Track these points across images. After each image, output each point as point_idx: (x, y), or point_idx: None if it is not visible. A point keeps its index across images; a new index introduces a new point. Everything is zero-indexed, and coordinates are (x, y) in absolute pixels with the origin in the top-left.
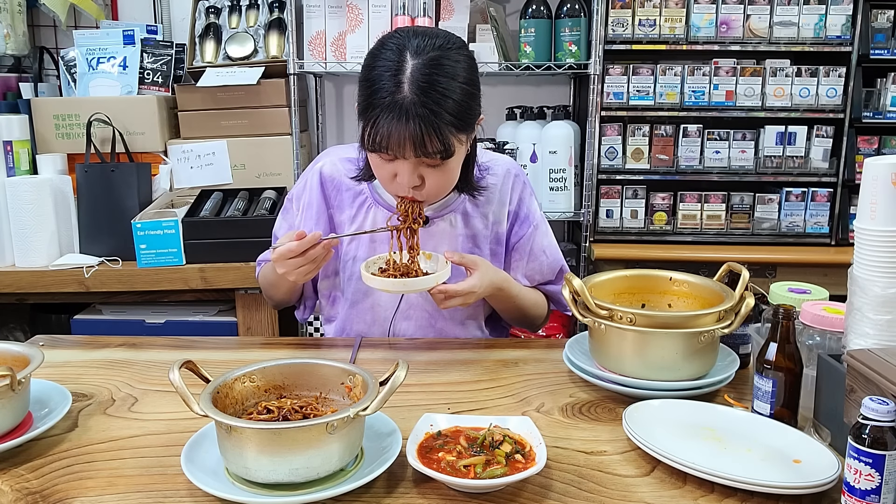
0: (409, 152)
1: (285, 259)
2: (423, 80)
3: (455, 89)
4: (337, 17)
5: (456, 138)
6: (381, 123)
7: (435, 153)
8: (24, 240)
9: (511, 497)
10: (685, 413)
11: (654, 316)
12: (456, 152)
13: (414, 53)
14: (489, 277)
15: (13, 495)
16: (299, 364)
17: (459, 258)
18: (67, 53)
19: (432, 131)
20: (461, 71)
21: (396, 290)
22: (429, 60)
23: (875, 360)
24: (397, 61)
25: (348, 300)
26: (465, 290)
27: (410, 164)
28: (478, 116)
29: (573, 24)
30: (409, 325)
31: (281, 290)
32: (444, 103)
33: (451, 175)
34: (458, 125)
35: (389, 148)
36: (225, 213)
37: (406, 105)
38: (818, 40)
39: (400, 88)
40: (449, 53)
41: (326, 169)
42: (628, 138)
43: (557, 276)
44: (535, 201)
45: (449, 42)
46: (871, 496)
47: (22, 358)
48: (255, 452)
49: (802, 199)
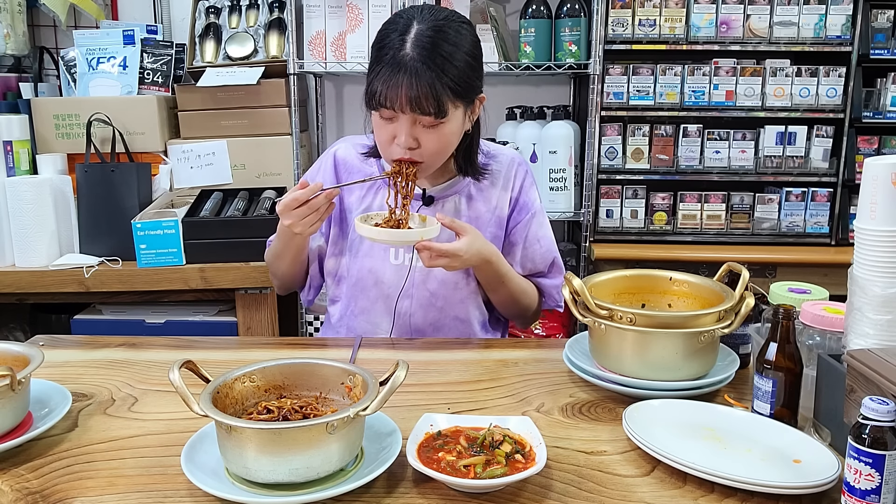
0: (406, 106)
1: (290, 209)
2: (426, 41)
3: (456, 54)
4: (337, 17)
5: (452, 102)
6: (381, 78)
7: (430, 112)
8: (24, 240)
9: (511, 497)
10: (685, 413)
11: (654, 316)
12: (451, 118)
13: (421, 20)
14: (477, 246)
15: (13, 495)
16: (299, 364)
17: (450, 222)
18: (67, 53)
19: (427, 88)
20: (464, 42)
21: (382, 240)
22: (434, 26)
23: (875, 360)
24: (405, 25)
25: (353, 277)
26: (450, 251)
27: (407, 123)
28: (477, 91)
29: (573, 24)
30: (412, 302)
31: (286, 260)
32: (443, 65)
33: (446, 141)
34: (454, 89)
35: (387, 102)
36: (225, 213)
37: (406, 61)
38: (818, 40)
39: (403, 46)
40: (453, 25)
41: (341, 152)
42: (628, 138)
43: (550, 269)
44: (535, 191)
45: (455, 16)
46: (871, 496)
47: (22, 358)
48: (255, 452)
49: (802, 199)
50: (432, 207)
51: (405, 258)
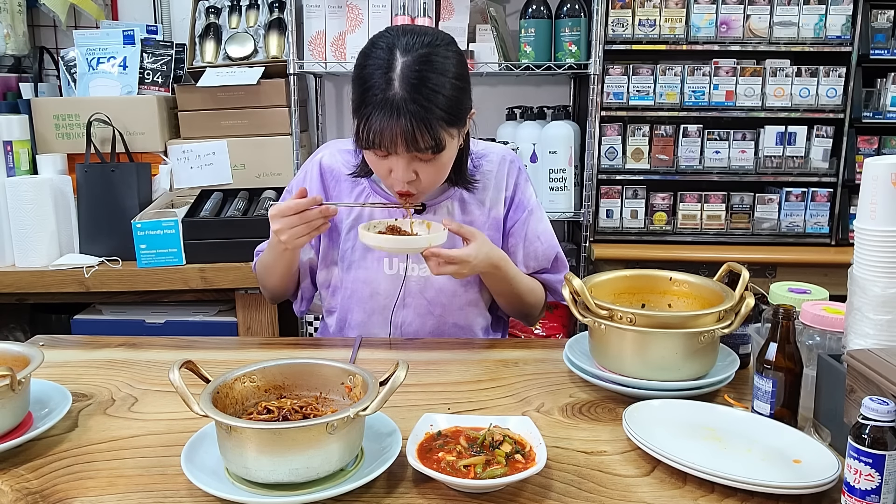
0: (402, 148)
1: (282, 216)
2: (413, 76)
3: (445, 85)
4: (337, 17)
5: (447, 133)
6: (373, 121)
7: (426, 148)
8: (24, 240)
9: (511, 497)
10: (685, 413)
11: (654, 316)
12: (447, 147)
13: (404, 51)
14: (486, 251)
15: (13, 495)
16: (299, 364)
17: (457, 227)
18: (67, 53)
19: (423, 127)
20: (451, 67)
21: (390, 248)
22: (419, 57)
23: (875, 360)
24: (388, 59)
25: (348, 289)
26: (459, 258)
27: (404, 161)
28: (468, 111)
29: (573, 24)
30: (408, 312)
31: (276, 273)
32: (434, 99)
33: (444, 169)
34: (448, 120)
35: (382, 144)
36: (225, 213)
37: (397, 102)
38: (818, 40)
39: (391, 86)
40: (438, 50)
41: (326, 160)
42: (628, 138)
43: (553, 264)
44: (530, 187)
45: (438, 39)
46: (871, 496)
47: (22, 358)
48: (255, 452)
49: (802, 199)
50: (424, 215)
51: (399, 268)
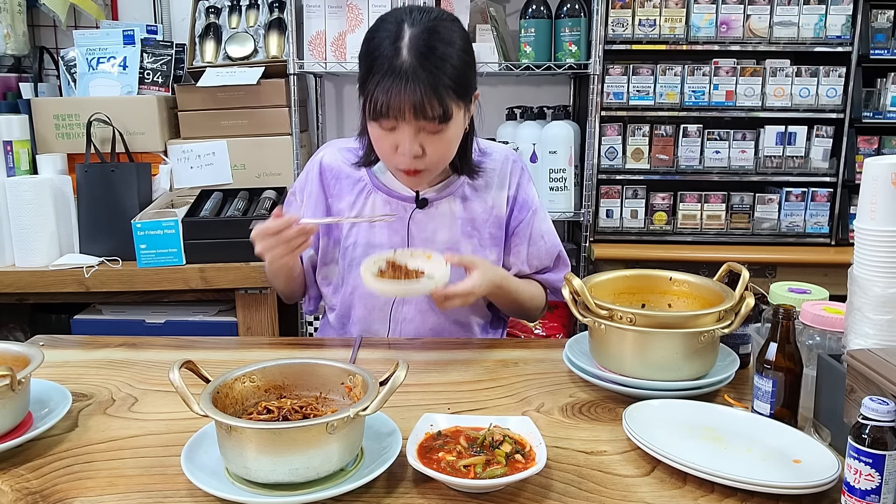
0: (409, 115)
1: (261, 237)
2: (422, 45)
3: (453, 55)
4: (337, 17)
5: (454, 103)
6: (381, 89)
7: (434, 117)
8: (24, 240)
9: (511, 497)
10: (685, 413)
11: (654, 316)
12: (454, 120)
13: (412, 24)
14: (488, 277)
15: (13, 495)
16: (299, 364)
17: (459, 260)
18: (67, 53)
19: (432, 94)
20: (457, 39)
21: (395, 293)
22: (426, 28)
23: (875, 360)
24: (396, 31)
25: (350, 286)
26: (464, 291)
27: (411, 132)
28: (474, 89)
29: (573, 24)
30: (409, 308)
31: (278, 281)
32: (443, 67)
33: (449, 146)
34: (456, 90)
35: (390, 112)
36: (225, 213)
37: (406, 69)
38: (818, 40)
39: (399, 54)
40: (445, 24)
41: (326, 159)
42: (628, 138)
43: (555, 263)
44: (533, 187)
45: (444, 14)
46: (871, 496)
47: (22, 358)
48: (255, 452)
49: (802, 199)
50: (426, 210)
51: None
